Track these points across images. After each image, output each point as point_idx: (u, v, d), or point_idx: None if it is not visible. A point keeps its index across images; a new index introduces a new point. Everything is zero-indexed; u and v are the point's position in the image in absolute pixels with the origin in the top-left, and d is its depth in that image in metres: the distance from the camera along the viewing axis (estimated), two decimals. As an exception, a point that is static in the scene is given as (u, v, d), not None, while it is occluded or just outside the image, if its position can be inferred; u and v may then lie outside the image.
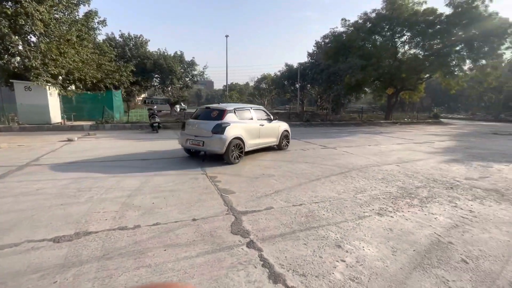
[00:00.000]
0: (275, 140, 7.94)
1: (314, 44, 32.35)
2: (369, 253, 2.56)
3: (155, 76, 25.95)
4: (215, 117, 6.35)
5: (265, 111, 7.96)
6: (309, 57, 32.39)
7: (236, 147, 6.30)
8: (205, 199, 3.91)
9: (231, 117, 6.43)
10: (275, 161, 6.69)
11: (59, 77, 13.10)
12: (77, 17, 13.90)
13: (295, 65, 33.38)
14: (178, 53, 26.18)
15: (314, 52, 31.68)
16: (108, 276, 2.12)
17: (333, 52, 22.41)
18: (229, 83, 59.78)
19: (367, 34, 21.58)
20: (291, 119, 19.14)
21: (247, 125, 6.76)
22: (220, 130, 6.04)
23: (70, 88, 14.73)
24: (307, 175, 5.40)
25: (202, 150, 6.35)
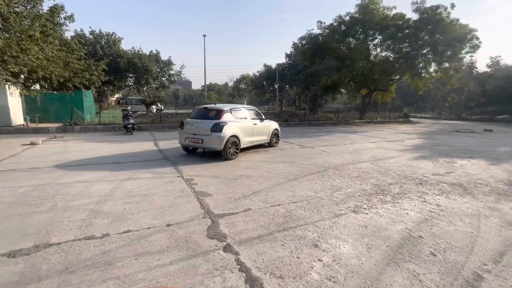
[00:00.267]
0: (266, 138, 8.52)
1: (292, 45, 32.84)
2: (345, 251, 2.60)
3: (130, 75, 24.95)
4: (213, 116, 6.76)
5: (257, 111, 8.51)
6: (287, 58, 32.80)
7: (232, 144, 6.75)
8: (181, 202, 3.77)
9: (228, 117, 6.85)
10: (254, 161, 6.67)
11: (21, 76, 12.08)
12: (40, 12, 12.92)
13: (273, 65, 33.74)
14: (154, 52, 25.37)
15: (291, 53, 32.12)
16: (70, 292, 1.95)
17: (309, 53, 22.85)
18: (207, 83, 59.01)
19: (342, 37, 22.25)
20: (270, 119, 19.18)
21: (242, 124, 7.25)
22: (218, 129, 6.45)
23: (34, 87, 13.66)
24: (285, 174, 5.42)
25: (201, 147, 6.80)
